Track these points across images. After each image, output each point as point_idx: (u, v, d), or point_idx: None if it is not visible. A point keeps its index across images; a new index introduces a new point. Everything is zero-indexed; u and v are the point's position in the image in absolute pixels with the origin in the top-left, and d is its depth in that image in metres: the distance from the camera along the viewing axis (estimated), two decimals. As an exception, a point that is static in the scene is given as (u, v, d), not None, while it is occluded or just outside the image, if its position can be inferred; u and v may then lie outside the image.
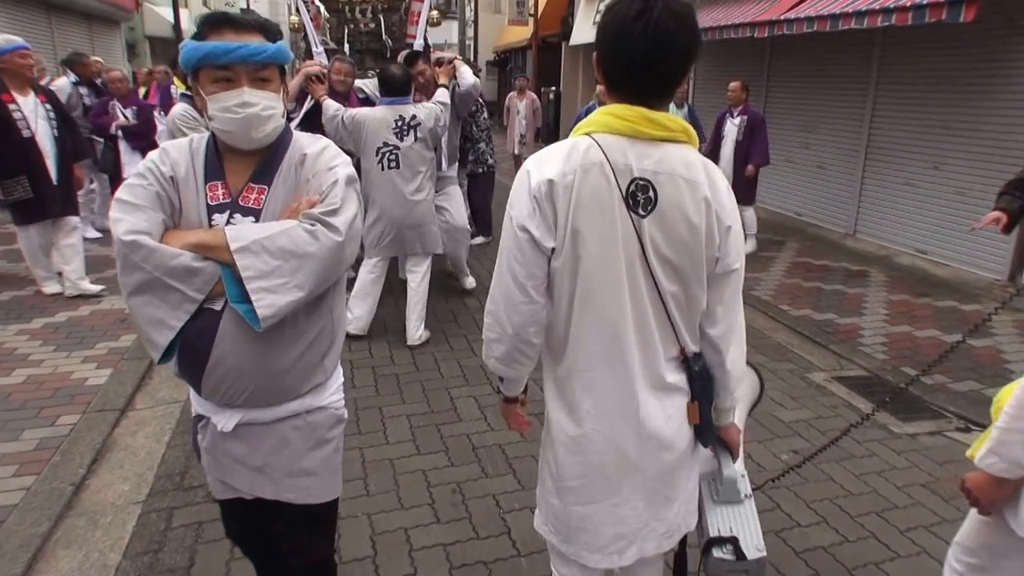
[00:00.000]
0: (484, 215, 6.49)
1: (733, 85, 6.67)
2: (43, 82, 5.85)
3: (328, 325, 1.52)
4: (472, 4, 20.86)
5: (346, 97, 4.45)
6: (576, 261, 1.29)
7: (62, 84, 6.12)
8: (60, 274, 4.75)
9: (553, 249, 1.30)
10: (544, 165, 1.29)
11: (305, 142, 1.50)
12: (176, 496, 2.57)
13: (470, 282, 5.25)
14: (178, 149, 1.46)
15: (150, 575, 2.17)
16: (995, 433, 1.39)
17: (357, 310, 4.15)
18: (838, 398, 3.68)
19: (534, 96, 10.70)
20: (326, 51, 5.75)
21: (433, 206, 4.26)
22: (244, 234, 1.34)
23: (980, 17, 4.73)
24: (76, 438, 2.88)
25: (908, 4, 5.08)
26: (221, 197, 1.42)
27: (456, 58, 4.76)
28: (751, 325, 4.72)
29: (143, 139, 5.79)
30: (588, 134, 1.29)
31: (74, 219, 4.69)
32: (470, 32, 21.75)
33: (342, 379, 1.65)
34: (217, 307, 1.36)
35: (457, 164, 5.35)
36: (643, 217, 1.27)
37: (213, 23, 1.40)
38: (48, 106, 4.51)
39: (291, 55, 1.29)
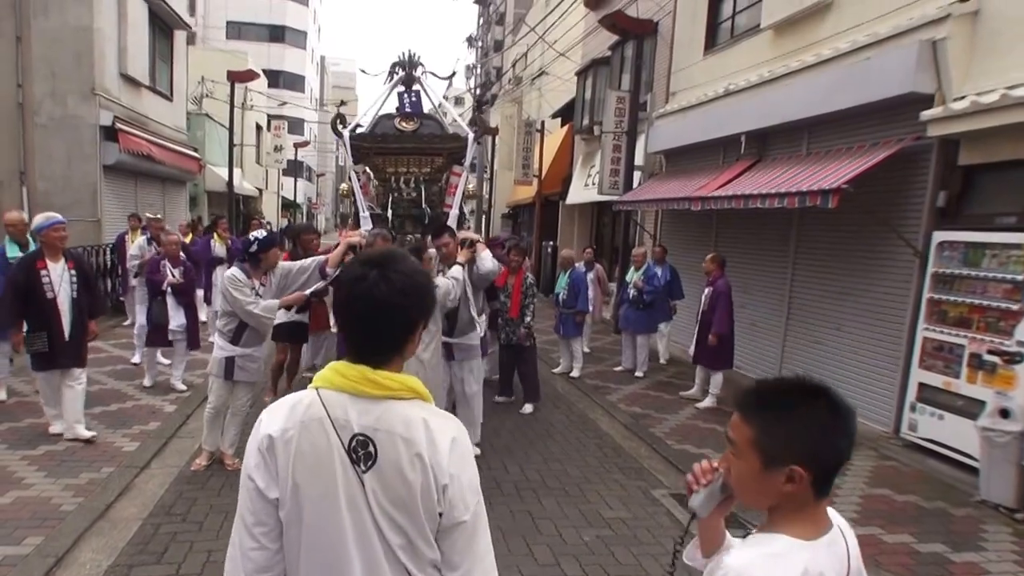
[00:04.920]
0: (532, 381, 7.19)
1: (706, 259, 7.66)
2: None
3: None
4: (489, 164, 23.35)
5: None
6: (300, 512, 1.35)
7: (140, 242, 8.49)
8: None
9: (278, 499, 1.36)
10: (270, 417, 1.40)
11: None
12: (163, 517, 4.34)
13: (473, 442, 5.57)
14: None
15: (138, 554, 3.89)
16: None
17: None
18: (663, 508, 4.75)
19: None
20: (371, 216, 6.50)
21: (438, 364, 4.92)
22: None
23: (853, 207, 6.24)
24: (108, 483, 4.70)
25: (795, 192, 6.77)
26: None
27: (479, 241, 5.43)
28: (632, 453, 6.04)
29: (187, 295, 6.98)
30: (316, 388, 1.40)
31: (78, 370, 5.23)
32: (487, 188, 24.16)
33: None
34: None
35: (487, 333, 5.99)
36: (364, 472, 1.34)
37: None
38: (73, 272, 5.18)
39: None
